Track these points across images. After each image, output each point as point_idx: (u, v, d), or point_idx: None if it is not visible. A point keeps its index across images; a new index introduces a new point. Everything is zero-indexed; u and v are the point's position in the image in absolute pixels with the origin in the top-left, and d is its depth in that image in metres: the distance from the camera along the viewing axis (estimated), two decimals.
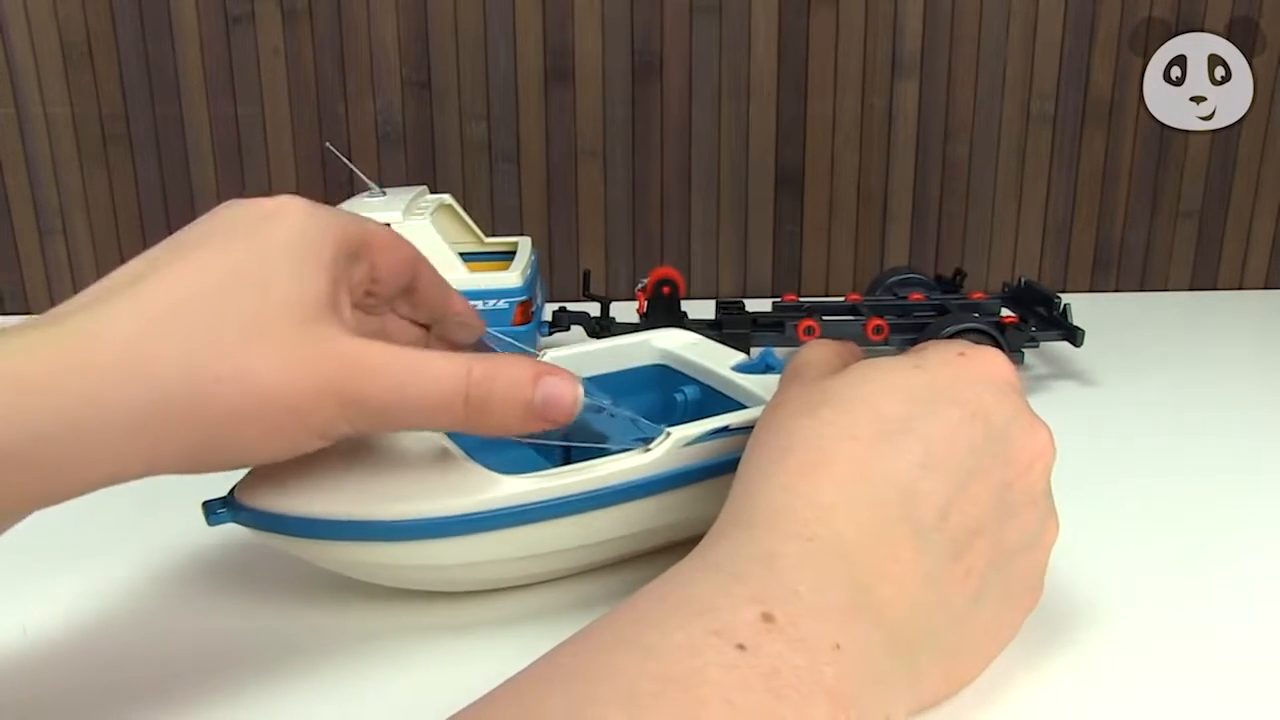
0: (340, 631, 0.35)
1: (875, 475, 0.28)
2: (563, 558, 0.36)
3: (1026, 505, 0.30)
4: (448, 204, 0.59)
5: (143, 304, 0.27)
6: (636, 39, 0.72)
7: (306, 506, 0.32)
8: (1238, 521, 0.42)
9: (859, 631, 0.25)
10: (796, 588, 0.24)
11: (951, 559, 0.28)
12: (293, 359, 0.27)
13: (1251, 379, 0.60)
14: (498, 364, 0.30)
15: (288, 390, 0.27)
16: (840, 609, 0.25)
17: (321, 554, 0.34)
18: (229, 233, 0.29)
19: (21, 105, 0.71)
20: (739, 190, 0.76)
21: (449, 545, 0.33)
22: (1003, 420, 0.29)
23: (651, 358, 0.46)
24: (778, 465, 0.29)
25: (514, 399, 0.30)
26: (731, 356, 0.44)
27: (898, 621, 0.26)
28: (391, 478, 0.34)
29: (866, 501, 0.27)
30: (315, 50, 0.72)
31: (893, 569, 0.26)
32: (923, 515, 0.27)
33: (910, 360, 0.31)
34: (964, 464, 0.28)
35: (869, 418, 0.29)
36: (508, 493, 0.33)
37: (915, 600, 0.27)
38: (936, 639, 0.28)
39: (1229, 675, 0.32)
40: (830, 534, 0.26)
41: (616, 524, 0.36)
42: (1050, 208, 0.77)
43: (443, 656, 0.34)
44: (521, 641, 0.34)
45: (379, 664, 0.33)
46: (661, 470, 0.36)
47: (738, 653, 0.22)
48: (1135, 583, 0.37)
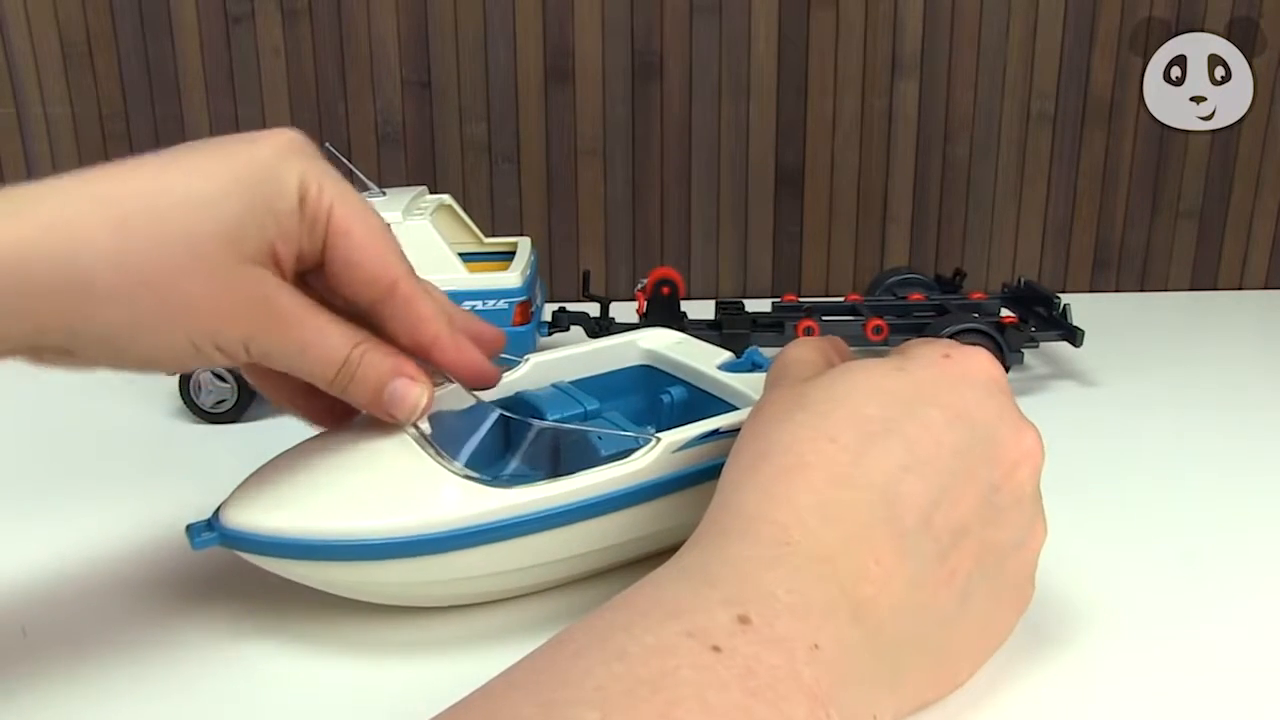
0: (322, 644, 0.35)
1: (855, 478, 0.27)
2: (554, 569, 0.36)
3: (1013, 507, 0.29)
4: (447, 204, 0.59)
5: (104, 195, 0.29)
6: (636, 39, 0.72)
7: (292, 525, 0.32)
8: (1238, 521, 0.42)
9: (838, 631, 0.24)
10: (773, 590, 0.24)
11: (936, 561, 0.27)
12: (225, 280, 0.29)
13: (1252, 379, 0.60)
14: (379, 352, 0.32)
15: (213, 302, 0.29)
16: (819, 610, 0.24)
17: (310, 574, 0.33)
18: (211, 152, 0.31)
19: (21, 105, 0.71)
20: (739, 190, 0.76)
21: (440, 561, 0.33)
22: (988, 421, 0.29)
23: (637, 358, 0.46)
24: (753, 470, 0.28)
25: (369, 385, 0.33)
26: (717, 355, 0.44)
27: (880, 623, 0.26)
28: (381, 494, 0.33)
29: (846, 504, 0.27)
30: (315, 50, 0.72)
31: (874, 571, 0.26)
32: (905, 517, 0.27)
33: (893, 362, 0.31)
34: (948, 465, 0.28)
35: (849, 420, 0.29)
36: (498, 505, 0.33)
37: (898, 602, 0.26)
38: (922, 641, 0.27)
39: (1230, 677, 0.32)
40: (808, 538, 0.26)
41: (609, 532, 0.35)
42: (1050, 208, 0.77)
43: (424, 670, 0.34)
44: (507, 654, 0.34)
45: (362, 675, 0.33)
46: (653, 477, 0.35)
47: (712, 654, 0.22)
48: (1135, 582, 0.37)
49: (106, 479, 0.47)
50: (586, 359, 0.45)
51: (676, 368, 0.44)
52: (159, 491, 0.45)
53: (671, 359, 0.44)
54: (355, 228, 0.32)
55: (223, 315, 0.29)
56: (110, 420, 0.53)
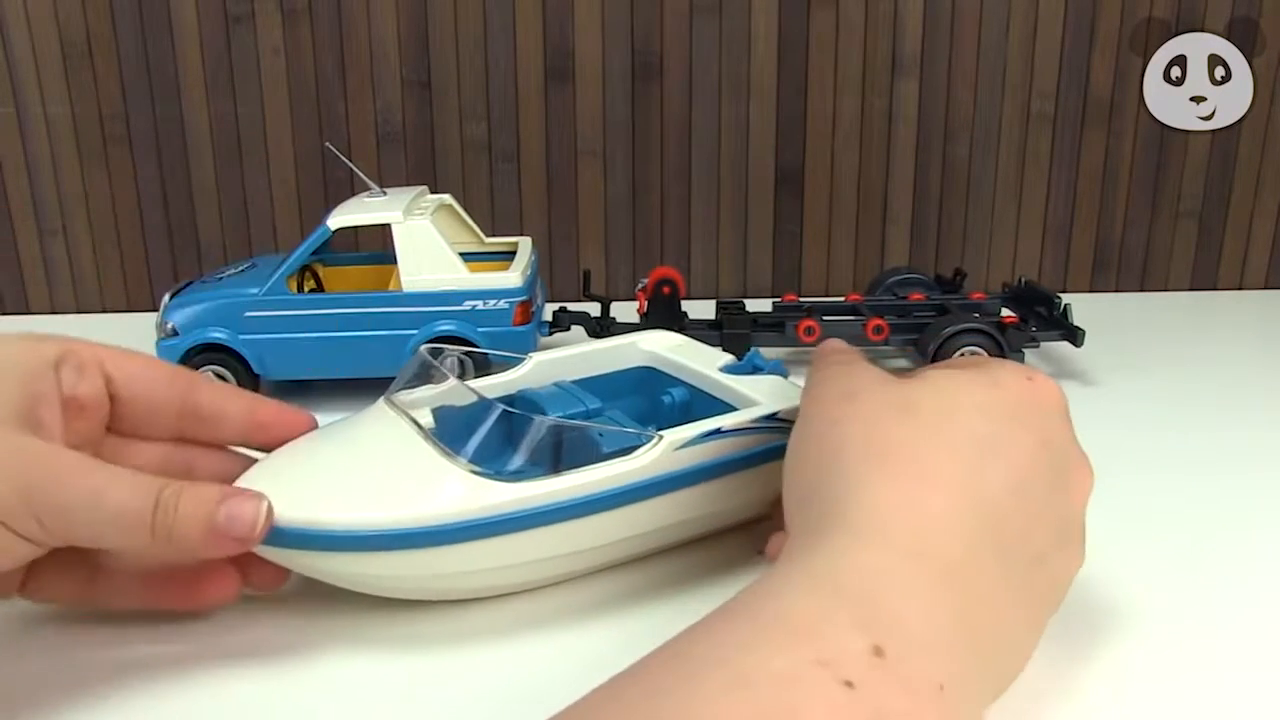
0: (319, 636, 0.35)
1: (973, 493, 0.27)
2: (556, 564, 0.36)
3: (1074, 536, 0.30)
4: (448, 204, 0.59)
5: None
6: (636, 39, 0.72)
7: (299, 516, 0.32)
8: (1239, 521, 0.42)
9: (961, 669, 0.23)
10: (904, 615, 0.23)
11: (1025, 585, 0.27)
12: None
13: (1251, 379, 0.60)
14: (194, 485, 0.31)
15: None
16: (945, 644, 0.23)
17: (314, 565, 0.33)
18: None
19: (21, 105, 0.71)
20: (739, 190, 0.76)
21: (446, 553, 0.33)
22: (1062, 450, 0.30)
23: (638, 360, 0.46)
24: (875, 469, 0.27)
25: (198, 517, 0.30)
26: (718, 358, 0.44)
27: (992, 651, 0.25)
28: (387, 486, 0.33)
29: (967, 518, 0.26)
30: (315, 50, 0.72)
31: (986, 593, 0.26)
32: (1008, 539, 0.27)
33: (984, 378, 0.30)
34: (1037, 491, 0.28)
35: (966, 434, 0.28)
36: (503, 499, 0.33)
37: (1000, 626, 0.26)
38: (1005, 666, 0.27)
39: (1229, 674, 0.32)
40: (937, 551, 0.25)
41: (611, 529, 0.35)
42: (1050, 208, 0.77)
43: (439, 665, 0.34)
44: (517, 650, 0.34)
45: (363, 669, 0.33)
46: (656, 474, 0.35)
47: (845, 691, 0.20)
48: (1135, 582, 0.37)
49: None
50: (588, 359, 0.45)
51: (678, 369, 0.44)
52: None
53: (673, 360, 0.44)
54: (131, 358, 0.34)
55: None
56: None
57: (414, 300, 0.53)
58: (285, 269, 0.53)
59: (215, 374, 0.53)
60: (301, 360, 0.54)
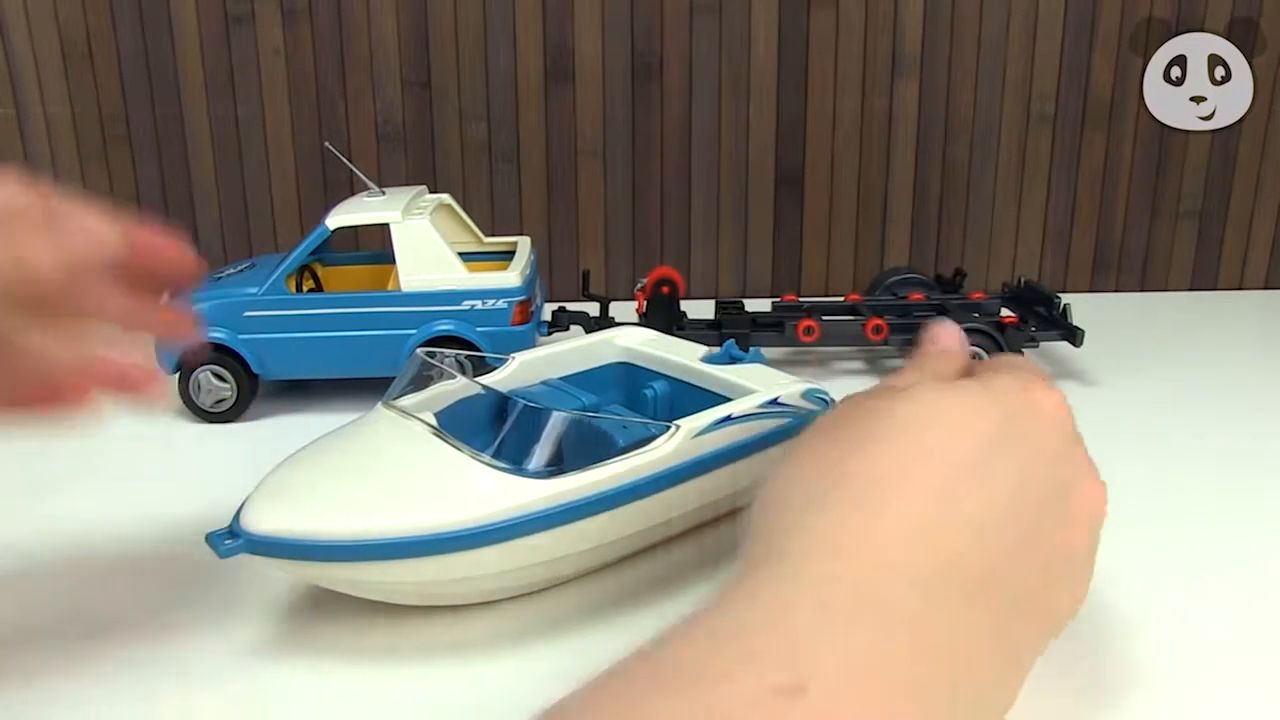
0: (322, 646, 0.35)
1: (936, 529, 0.25)
2: (594, 555, 0.36)
3: (1068, 571, 0.28)
4: (447, 204, 0.59)
5: None
6: (636, 39, 0.72)
7: (328, 528, 0.32)
8: (1239, 521, 0.42)
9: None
10: (830, 656, 0.22)
11: (999, 631, 0.25)
12: None
13: (1251, 379, 0.60)
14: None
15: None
16: (882, 692, 0.22)
17: (347, 576, 0.33)
18: None
19: (21, 105, 0.71)
20: (739, 190, 0.76)
21: (484, 554, 0.33)
22: (1058, 475, 0.27)
23: (614, 356, 0.47)
24: (829, 495, 0.26)
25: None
26: (697, 349, 0.45)
27: (947, 704, 0.23)
28: (410, 489, 0.33)
29: (922, 556, 0.24)
30: (315, 50, 0.72)
31: (942, 639, 0.24)
32: (975, 579, 0.25)
33: (974, 392, 0.28)
34: (1019, 525, 0.26)
35: (940, 462, 0.26)
36: (541, 495, 0.33)
37: (961, 673, 0.24)
38: (972, 715, 0.25)
39: (1229, 674, 0.32)
40: (882, 592, 0.23)
41: (642, 517, 0.36)
42: (1050, 208, 0.77)
43: (450, 668, 0.34)
44: (531, 650, 0.34)
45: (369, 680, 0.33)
46: (681, 461, 0.36)
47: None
48: (1134, 582, 0.37)
49: (106, 478, 0.47)
50: (567, 357, 0.46)
51: (657, 363, 0.45)
52: (159, 490, 0.45)
53: (650, 354, 0.45)
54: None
55: None
56: (109, 419, 0.53)
57: (413, 300, 0.53)
58: (284, 269, 0.53)
59: (214, 374, 0.53)
60: (300, 360, 0.54)
